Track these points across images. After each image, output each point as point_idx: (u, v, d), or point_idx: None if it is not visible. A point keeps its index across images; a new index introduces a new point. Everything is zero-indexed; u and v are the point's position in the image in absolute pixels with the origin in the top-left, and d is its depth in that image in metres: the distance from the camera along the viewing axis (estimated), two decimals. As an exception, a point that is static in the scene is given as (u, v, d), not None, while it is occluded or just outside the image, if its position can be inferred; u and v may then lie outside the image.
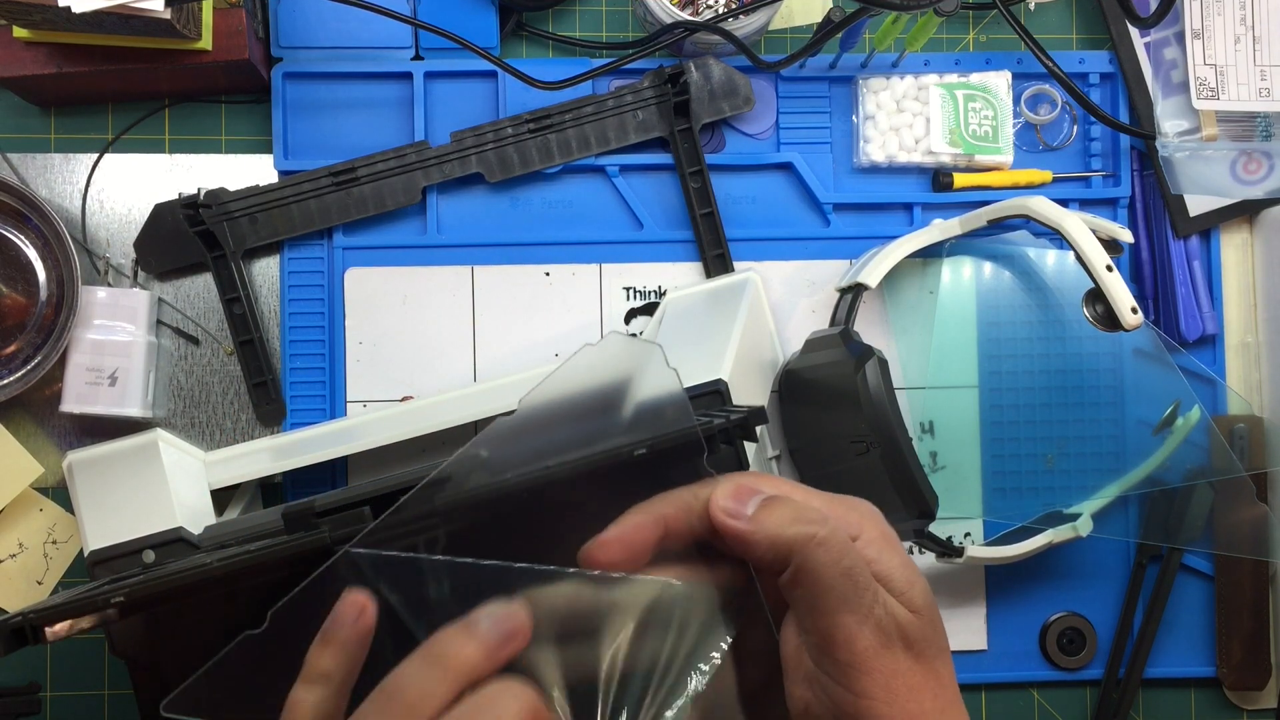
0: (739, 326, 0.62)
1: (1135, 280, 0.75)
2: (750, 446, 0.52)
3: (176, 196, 0.71)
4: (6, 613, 0.64)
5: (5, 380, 0.68)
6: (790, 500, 0.38)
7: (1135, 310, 0.59)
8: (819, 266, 0.73)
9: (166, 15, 0.61)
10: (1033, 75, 0.74)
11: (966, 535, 0.72)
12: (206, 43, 0.67)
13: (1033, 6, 0.74)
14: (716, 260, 0.72)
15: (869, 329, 0.72)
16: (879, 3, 0.62)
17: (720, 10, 0.70)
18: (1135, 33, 0.73)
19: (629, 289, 0.72)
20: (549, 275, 0.72)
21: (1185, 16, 0.71)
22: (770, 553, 0.37)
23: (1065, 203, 0.69)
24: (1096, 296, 0.61)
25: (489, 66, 0.71)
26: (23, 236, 0.70)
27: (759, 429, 0.49)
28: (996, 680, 0.73)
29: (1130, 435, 0.71)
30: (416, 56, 0.73)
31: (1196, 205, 0.73)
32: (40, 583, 0.71)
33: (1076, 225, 0.61)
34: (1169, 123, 0.73)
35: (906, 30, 0.68)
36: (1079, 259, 0.61)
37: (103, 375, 0.68)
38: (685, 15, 0.69)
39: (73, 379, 0.68)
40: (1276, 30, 0.71)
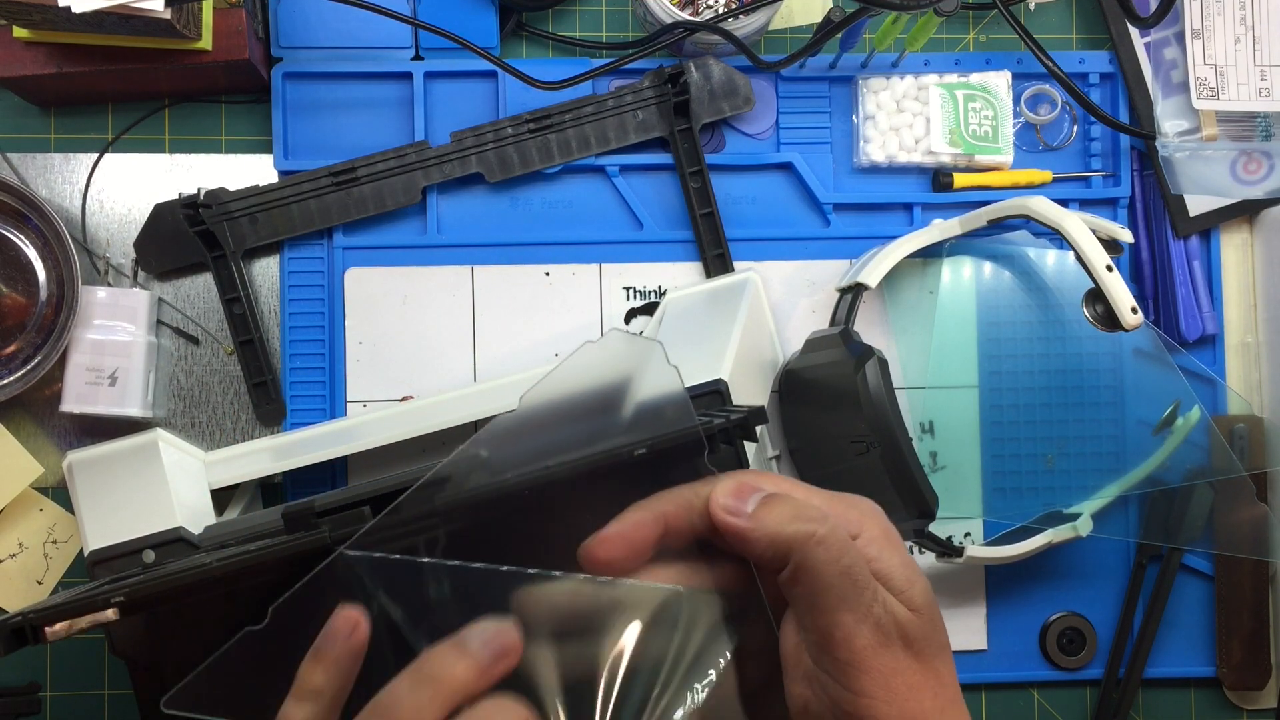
0: (739, 326, 0.62)
1: (1135, 280, 0.75)
2: (750, 446, 0.52)
3: (176, 196, 0.71)
4: (6, 613, 0.64)
5: (5, 380, 0.68)
6: (790, 498, 0.38)
7: (1135, 310, 0.59)
8: (819, 266, 0.73)
9: (166, 15, 0.61)
10: (1033, 75, 0.74)
11: (966, 535, 0.72)
12: (206, 43, 0.67)
13: (1033, 6, 0.74)
14: (716, 260, 0.72)
15: (869, 329, 0.72)
16: (879, 3, 0.62)
17: (720, 10, 0.70)
18: (1135, 33, 0.73)
19: (629, 289, 0.72)
20: (549, 275, 0.72)
21: (1185, 16, 0.71)
22: (770, 550, 0.37)
23: (1065, 203, 0.69)
24: (1096, 296, 0.61)
25: (489, 66, 0.71)
26: (23, 236, 0.70)
27: (759, 429, 0.48)
28: (996, 680, 0.73)
29: (1130, 435, 0.71)
30: (416, 56, 0.73)
31: (1196, 205, 0.73)
32: (40, 583, 0.71)
33: (1076, 225, 0.61)
34: (1169, 123, 0.73)
35: (906, 30, 0.68)
36: (1079, 259, 0.61)
37: (103, 375, 0.68)
38: (685, 15, 0.69)
39: (73, 379, 0.68)
40: (1276, 30, 0.71)
